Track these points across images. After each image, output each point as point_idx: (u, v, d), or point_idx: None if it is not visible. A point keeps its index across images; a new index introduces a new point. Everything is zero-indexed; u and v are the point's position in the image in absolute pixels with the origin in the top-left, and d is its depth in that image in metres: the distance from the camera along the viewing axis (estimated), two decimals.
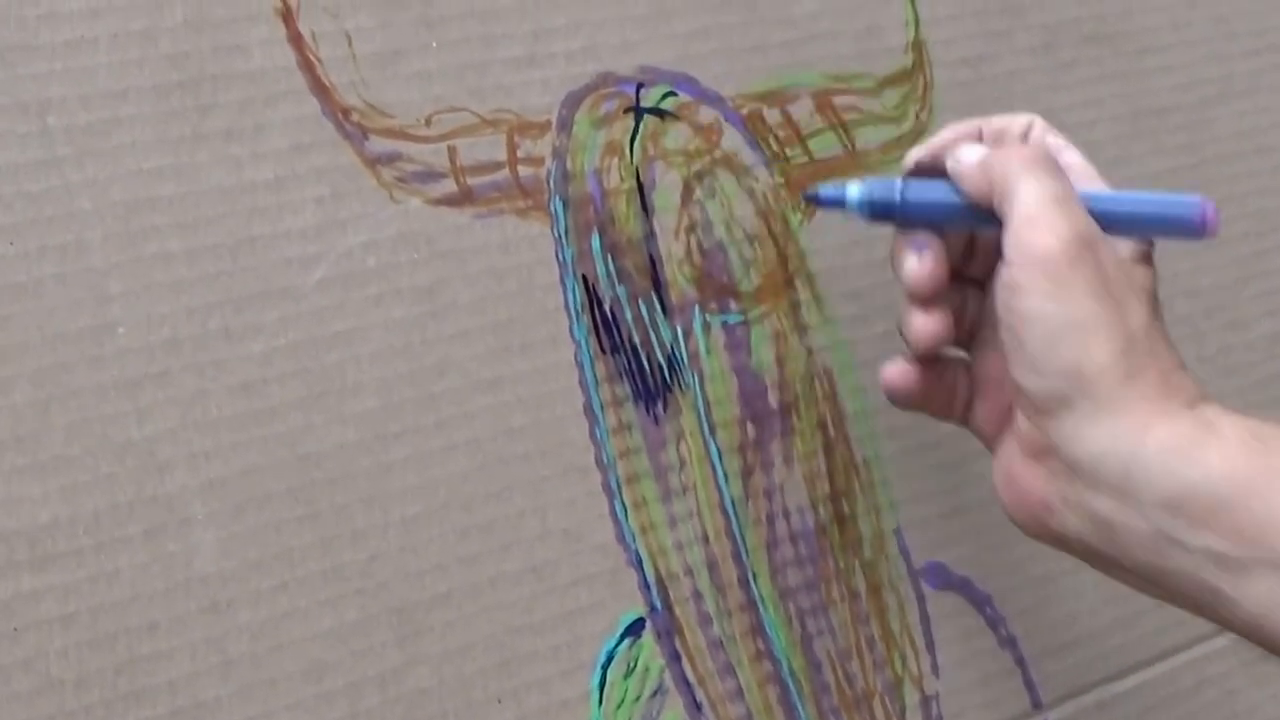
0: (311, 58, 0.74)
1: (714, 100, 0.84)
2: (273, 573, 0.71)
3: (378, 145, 0.75)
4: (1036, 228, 0.72)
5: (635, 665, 0.78)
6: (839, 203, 0.77)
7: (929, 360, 0.78)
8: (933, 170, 0.76)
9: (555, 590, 0.76)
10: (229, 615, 0.70)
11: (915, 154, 0.78)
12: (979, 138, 0.77)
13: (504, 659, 0.75)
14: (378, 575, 0.73)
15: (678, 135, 0.82)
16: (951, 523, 0.87)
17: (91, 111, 0.70)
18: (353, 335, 0.73)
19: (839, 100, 0.87)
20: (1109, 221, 0.74)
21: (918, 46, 0.91)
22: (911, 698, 0.85)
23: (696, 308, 0.81)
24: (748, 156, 0.84)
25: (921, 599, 0.86)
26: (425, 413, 0.75)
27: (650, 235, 0.81)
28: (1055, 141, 0.78)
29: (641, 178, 0.81)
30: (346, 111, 0.75)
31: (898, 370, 0.78)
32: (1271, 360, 0.98)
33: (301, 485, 0.72)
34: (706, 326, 0.82)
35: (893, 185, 0.76)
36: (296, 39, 0.74)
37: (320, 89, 0.74)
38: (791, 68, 0.86)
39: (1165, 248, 0.75)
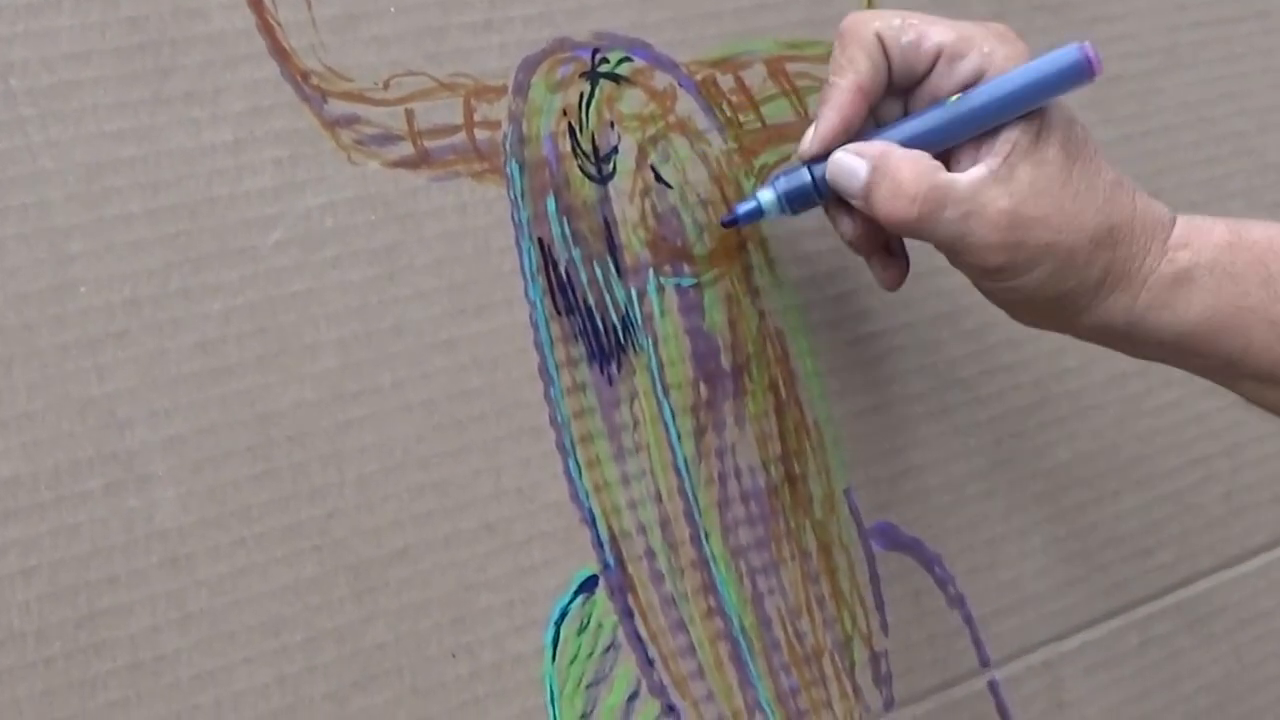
0: (271, 21, 0.75)
1: (669, 66, 0.84)
2: (231, 528, 0.71)
3: (336, 108, 0.76)
4: (968, 253, 0.78)
5: (588, 622, 0.79)
6: (757, 214, 0.81)
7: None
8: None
9: (509, 548, 0.77)
10: (188, 570, 0.70)
11: (806, 151, 0.80)
12: (863, 106, 0.79)
13: (459, 615, 0.76)
14: (335, 532, 0.73)
15: (633, 100, 0.83)
16: (901, 484, 0.88)
17: (54, 74, 0.70)
18: (310, 296, 0.74)
19: (791, 67, 0.88)
20: (1007, 108, 0.77)
21: None
22: (861, 655, 0.86)
23: (650, 270, 0.82)
24: (701, 121, 0.85)
25: (871, 558, 0.87)
26: (382, 372, 0.75)
27: (605, 199, 0.82)
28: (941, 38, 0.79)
29: (597, 142, 0.82)
30: (305, 75, 0.75)
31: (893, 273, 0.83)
32: None
33: (260, 443, 0.72)
34: (660, 289, 0.82)
35: (801, 173, 0.80)
36: (256, 3, 0.74)
37: (279, 52, 0.75)
38: (745, 35, 0.87)
39: None
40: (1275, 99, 1.05)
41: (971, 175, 0.77)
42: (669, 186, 0.83)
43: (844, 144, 0.79)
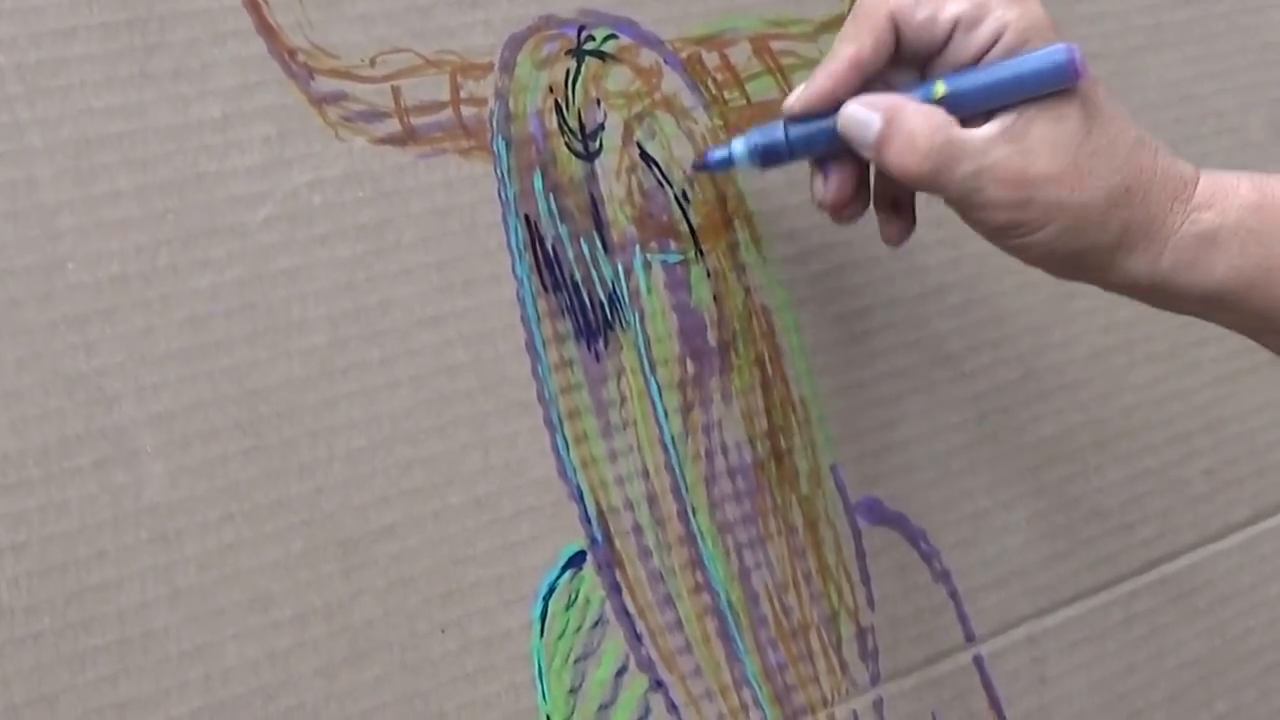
0: None
1: (654, 43, 0.85)
2: (220, 504, 0.71)
3: (323, 85, 0.76)
4: (979, 210, 0.77)
5: (576, 597, 0.79)
6: (727, 163, 0.81)
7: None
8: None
9: (498, 523, 0.77)
10: (177, 546, 0.70)
11: (788, 107, 0.79)
12: (856, 80, 0.78)
13: (447, 590, 0.76)
14: (323, 507, 0.74)
15: (618, 77, 0.83)
16: (887, 459, 0.89)
17: (41, 50, 0.70)
18: (298, 272, 0.74)
19: (776, 45, 0.88)
20: (988, 100, 0.76)
21: None
22: (847, 630, 0.86)
23: (637, 247, 0.83)
24: (687, 99, 0.85)
25: (857, 534, 0.87)
26: (370, 349, 0.75)
27: (591, 176, 0.82)
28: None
29: (583, 119, 0.82)
30: (293, 52, 0.75)
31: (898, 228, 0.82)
32: None
33: (248, 419, 0.72)
34: (647, 265, 0.83)
35: (776, 129, 0.79)
36: None
37: (267, 29, 0.75)
38: (730, 12, 0.87)
39: None
40: (1256, 77, 1.06)
41: (985, 131, 0.76)
42: (655, 163, 0.84)
43: (826, 110, 0.78)
